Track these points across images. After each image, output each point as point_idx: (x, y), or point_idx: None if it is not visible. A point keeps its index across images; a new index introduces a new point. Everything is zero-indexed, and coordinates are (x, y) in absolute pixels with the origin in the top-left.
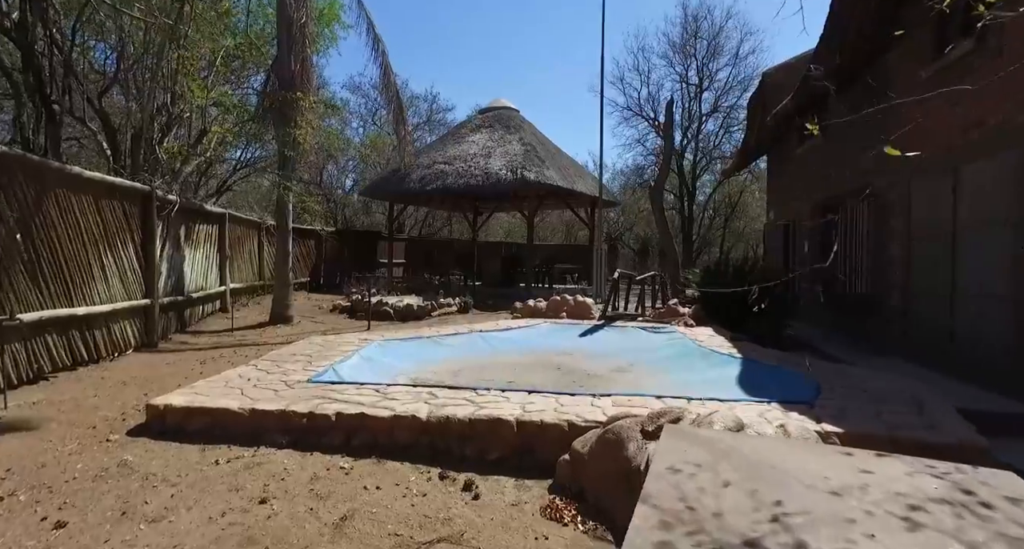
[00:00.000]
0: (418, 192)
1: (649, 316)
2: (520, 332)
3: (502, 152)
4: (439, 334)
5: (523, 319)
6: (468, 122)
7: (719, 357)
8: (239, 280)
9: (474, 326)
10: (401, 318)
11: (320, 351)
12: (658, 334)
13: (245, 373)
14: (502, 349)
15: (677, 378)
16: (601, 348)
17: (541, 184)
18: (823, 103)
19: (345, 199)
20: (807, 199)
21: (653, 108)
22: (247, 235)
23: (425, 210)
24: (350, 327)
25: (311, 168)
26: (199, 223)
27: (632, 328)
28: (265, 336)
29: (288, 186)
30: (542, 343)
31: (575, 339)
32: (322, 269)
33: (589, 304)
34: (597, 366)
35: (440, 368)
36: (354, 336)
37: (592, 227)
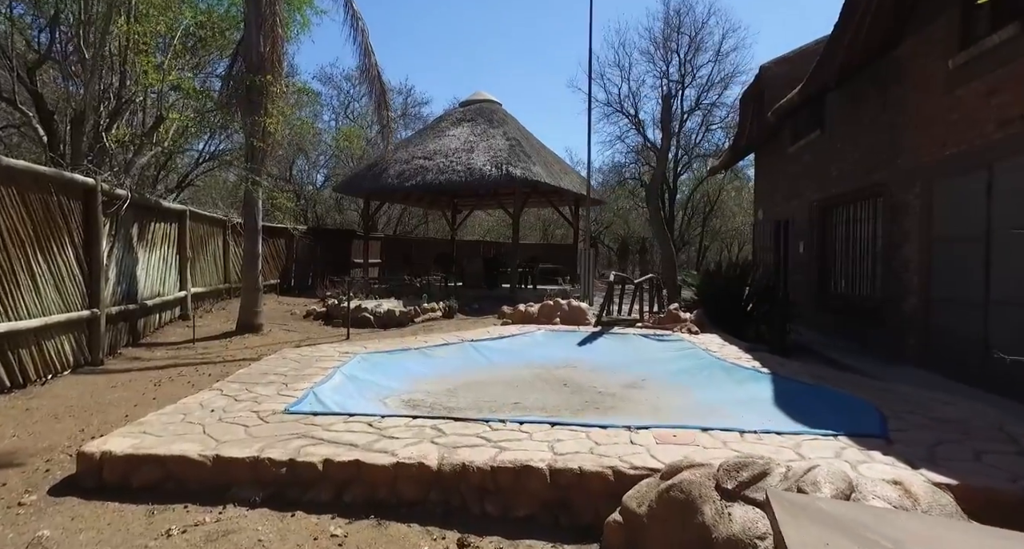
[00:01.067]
0: (396, 188)
1: (649, 322)
2: (514, 341)
3: (486, 147)
4: (427, 344)
5: (514, 325)
6: (448, 115)
7: (743, 371)
8: (202, 284)
9: (463, 334)
10: (382, 325)
11: (296, 369)
12: (663, 342)
13: (208, 401)
14: (498, 361)
15: (703, 397)
16: (605, 359)
17: (528, 181)
18: (821, 98)
19: (316, 195)
20: (802, 198)
21: (634, 104)
22: (211, 234)
23: (400, 207)
24: (327, 336)
25: (280, 163)
26: (155, 221)
27: (633, 335)
28: (232, 349)
29: (257, 180)
30: (540, 354)
31: (574, 348)
32: (293, 270)
33: (584, 309)
34: (607, 381)
35: (434, 386)
36: (333, 348)
37: (576, 226)
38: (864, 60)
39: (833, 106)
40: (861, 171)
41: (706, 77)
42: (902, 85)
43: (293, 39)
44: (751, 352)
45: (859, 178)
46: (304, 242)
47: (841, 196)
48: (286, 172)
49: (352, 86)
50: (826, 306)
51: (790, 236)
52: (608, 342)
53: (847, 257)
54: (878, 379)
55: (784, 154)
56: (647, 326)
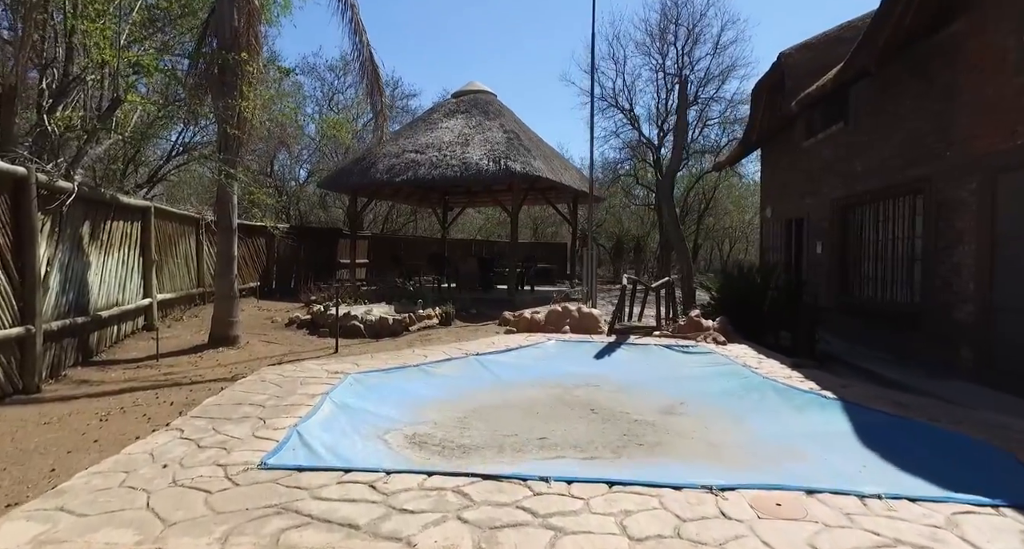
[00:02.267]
0: (385, 184)
1: (667, 330)
2: (523, 354)
3: (482, 140)
4: (427, 360)
5: (520, 334)
6: (441, 107)
7: (801, 395)
8: (171, 289)
9: (465, 345)
10: (374, 335)
11: (276, 396)
12: (690, 355)
13: (162, 448)
14: (509, 379)
15: (762, 429)
16: (630, 375)
17: (529, 176)
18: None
19: (299, 192)
20: (820, 195)
21: (628, 99)
22: (182, 233)
23: (387, 205)
24: (312, 349)
25: (261, 157)
26: (112, 219)
27: (655, 346)
28: (202, 366)
29: (231, 173)
30: (554, 369)
31: (592, 362)
32: (274, 272)
33: (596, 316)
34: (639, 405)
35: (441, 414)
36: (320, 366)
37: (575, 225)
38: (910, 40)
39: (859, 96)
40: (894, 166)
41: (704, 71)
42: (953, 68)
43: (275, 22)
44: (798, 369)
45: (892, 174)
46: (286, 241)
47: (868, 193)
48: (267, 167)
49: (336, 77)
50: (848, 311)
51: (805, 235)
52: (628, 354)
53: (875, 259)
54: (939, 398)
55: (798, 149)
56: (667, 335)
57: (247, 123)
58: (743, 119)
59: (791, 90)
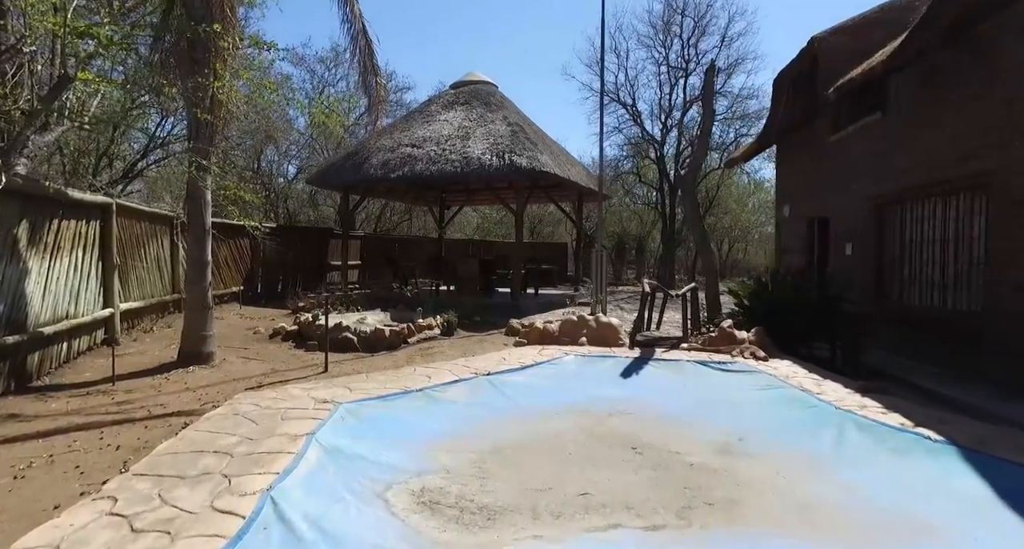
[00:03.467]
0: (379, 180)
1: (698, 342)
2: (540, 372)
3: (484, 133)
4: (431, 382)
5: (531, 347)
6: (439, 98)
7: (897, 435)
8: (140, 297)
9: (473, 362)
10: (368, 348)
11: (250, 438)
12: (731, 373)
13: (76, 538)
14: (529, 406)
15: (865, 484)
16: (667, 400)
17: (536, 172)
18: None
19: (288, 189)
20: (851, 193)
21: (631, 94)
22: (153, 234)
23: (381, 203)
24: (298, 367)
25: (247, 152)
26: (61, 218)
27: (688, 363)
28: (165, 392)
29: (203, 165)
30: (578, 391)
31: (619, 382)
32: (259, 275)
33: (616, 326)
34: (690, 442)
35: (454, 459)
36: (306, 392)
37: (580, 224)
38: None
39: (902, 84)
40: (947, 159)
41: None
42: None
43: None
44: (869, 394)
45: (945, 168)
46: (273, 242)
47: (914, 189)
48: (253, 163)
49: (327, 69)
50: (885, 318)
51: (831, 236)
52: (659, 373)
53: (922, 262)
54: None
55: (823, 143)
56: (696, 348)
57: (222, 107)
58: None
59: (826, 77)
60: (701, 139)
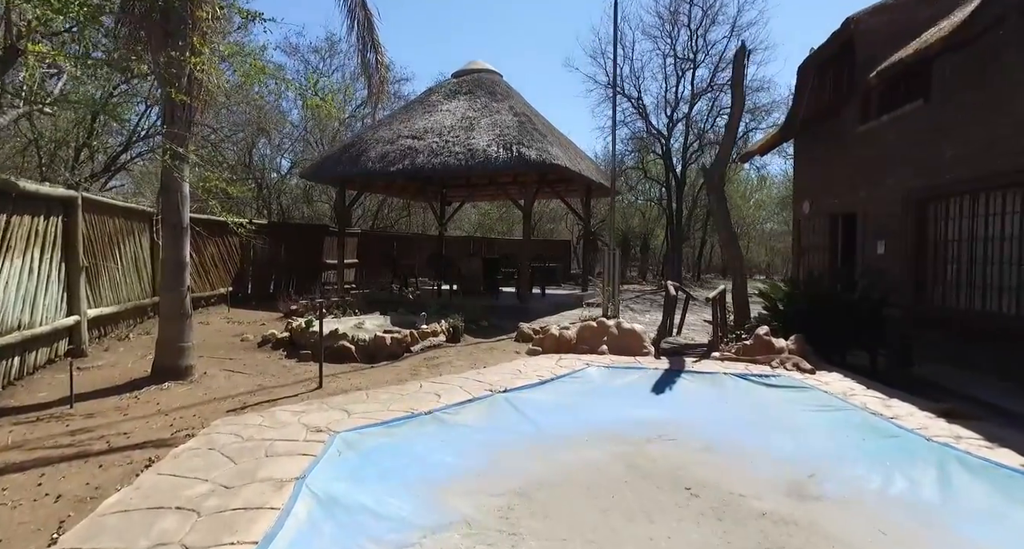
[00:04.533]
0: (378, 174)
1: (731, 351)
2: (562, 388)
3: (489, 124)
4: (441, 403)
5: (546, 356)
6: (440, 88)
7: (1016, 476)
8: (113, 301)
9: (485, 374)
10: (368, 358)
11: (224, 485)
12: (777, 390)
13: None
14: (556, 431)
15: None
16: (712, 423)
17: (546, 165)
18: None
19: (281, 185)
20: (884, 187)
21: (636, 86)
22: (129, 231)
23: (379, 198)
24: (289, 382)
25: (238, 146)
26: (11, 213)
27: (726, 376)
28: (132, 416)
29: (179, 153)
30: (610, 412)
31: (652, 401)
32: (250, 274)
33: (639, 333)
34: (749, 480)
35: (475, 506)
36: (296, 416)
37: (587, 221)
38: None
39: (947, 68)
40: (1006, 150)
41: (719, 55)
42: None
43: None
44: (956, 420)
45: (1001, 159)
46: (263, 240)
47: (960, 183)
48: (245, 157)
49: (321, 59)
50: (926, 323)
51: (860, 233)
52: (695, 387)
53: (970, 261)
54: None
55: (850, 134)
56: (729, 357)
57: (201, 87)
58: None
59: (865, 61)
60: (729, 130)
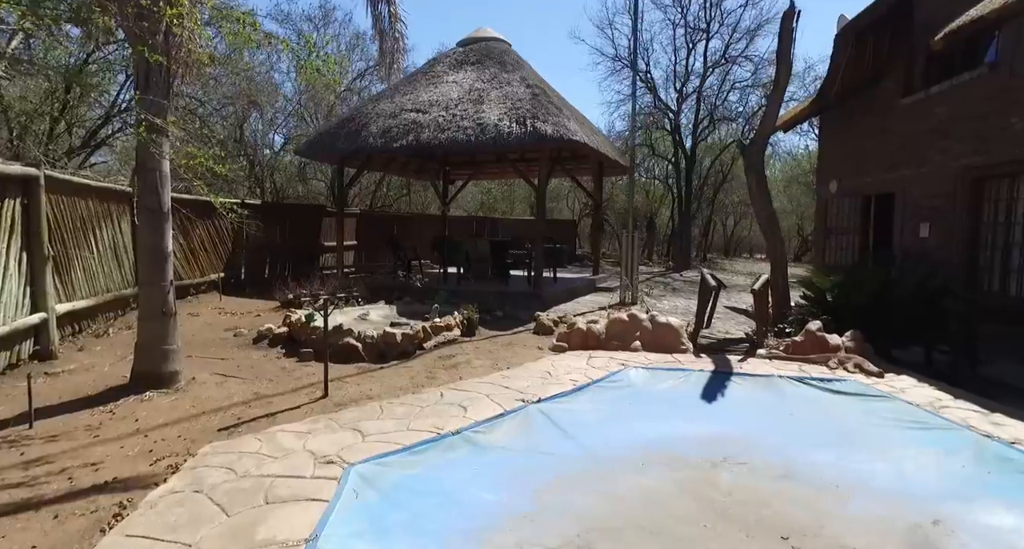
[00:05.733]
0: (380, 150)
1: (780, 348)
2: (601, 396)
3: (500, 96)
4: (469, 418)
5: (573, 353)
6: (445, 57)
7: None
8: (89, 293)
9: (511, 379)
10: (377, 357)
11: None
12: (845, 398)
13: None
14: (606, 452)
15: None
16: (784, 442)
17: (563, 141)
18: None
19: (274, 162)
20: (931, 164)
21: (645, 59)
22: (107, 214)
23: (377, 176)
24: (289, 390)
25: (228, 121)
26: None
27: (782, 379)
28: (103, 440)
29: (157, 125)
30: (661, 426)
31: (707, 411)
32: (243, 259)
33: (676, 327)
34: (855, 524)
35: None
36: (300, 439)
37: (599, 201)
38: None
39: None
40: None
41: (733, 26)
42: None
43: None
44: None
45: None
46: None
47: None
48: (235, 132)
49: (315, 28)
50: (983, 314)
51: (899, 215)
52: (749, 393)
53: None
54: None
55: (890, 108)
56: (778, 356)
57: (181, 47)
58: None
59: (925, 23)
60: (772, 102)
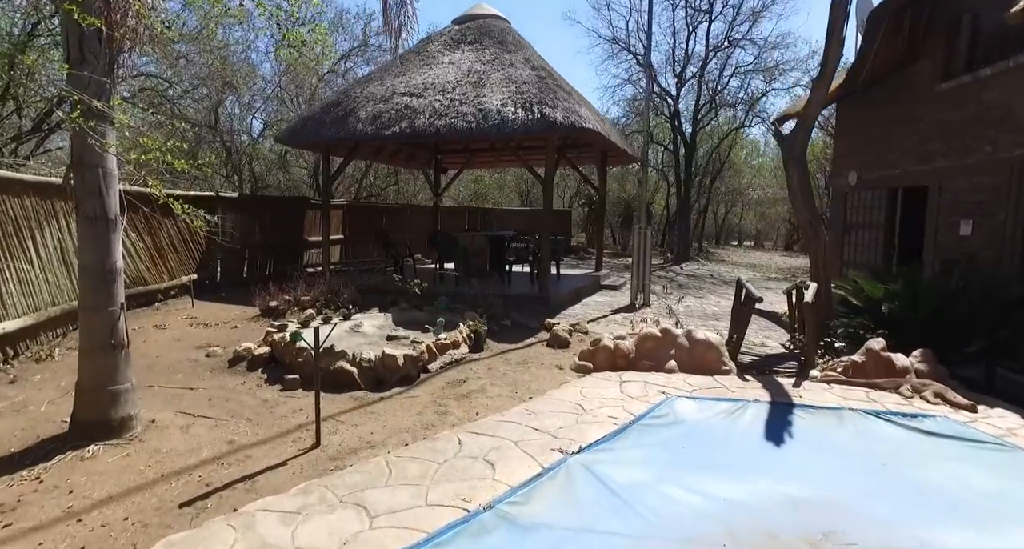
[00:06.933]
0: (370, 137)
1: (838, 370)
2: (651, 438)
3: (502, 79)
4: (499, 481)
5: (599, 373)
6: (439, 36)
7: None
8: (27, 309)
9: (538, 415)
10: (375, 383)
11: None
12: (941, 441)
13: None
14: (677, 532)
15: None
16: (894, 513)
17: (575, 129)
18: None
19: (253, 149)
20: (976, 155)
21: (642, 41)
22: (50, 214)
23: (363, 165)
24: (272, 436)
25: (202, 103)
26: None
27: (854, 413)
28: (18, 532)
29: (97, 109)
30: (734, 485)
31: (776, 456)
32: (218, 258)
33: (715, 345)
34: None
35: None
36: (288, 529)
37: (603, 192)
38: None
39: None
40: None
41: (737, 7)
42: None
43: None
44: None
45: None
46: (234, 217)
47: None
48: (210, 117)
49: None
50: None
51: (933, 211)
52: (822, 432)
53: None
54: None
55: (924, 94)
56: (835, 380)
57: (127, 8)
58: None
59: None
60: (821, 82)
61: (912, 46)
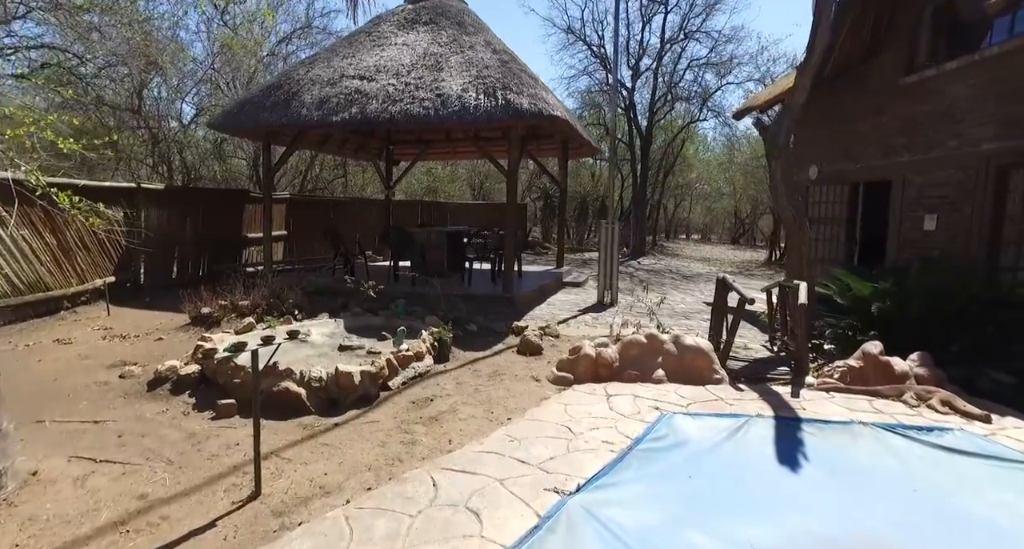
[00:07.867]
0: (316, 124)
1: (833, 376)
2: (652, 468)
3: (462, 63)
4: (489, 546)
5: (581, 386)
6: (391, 16)
7: None
8: None
9: (522, 442)
10: (327, 405)
11: None
12: (971, 460)
13: None
14: None
15: None
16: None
17: (543, 117)
18: None
19: (184, 137)
20: (941, 148)
21: (598, 32)
22: None
23: (308, 155)
24: (198, 484)
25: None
26: None
27: (864, 427)
28: None
29: None
30: (748, 521)
31: (794, 485)
32: (142, 257)
33: (706, 351)
34: None
35: None
36: None
37: (564, 186)
38: None
39: None
40: None
41: None
42: None
43: None
44: None
45: None
46: (160, 210)
47: None
48: (132, 99)
49: None
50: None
51: (897, 205)
52: (840, 455)
53: None
54: None
55: (887, 88)
56: (833, 387)
57: None
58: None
59: None
60: (806, 67)
61: (876, 39)
